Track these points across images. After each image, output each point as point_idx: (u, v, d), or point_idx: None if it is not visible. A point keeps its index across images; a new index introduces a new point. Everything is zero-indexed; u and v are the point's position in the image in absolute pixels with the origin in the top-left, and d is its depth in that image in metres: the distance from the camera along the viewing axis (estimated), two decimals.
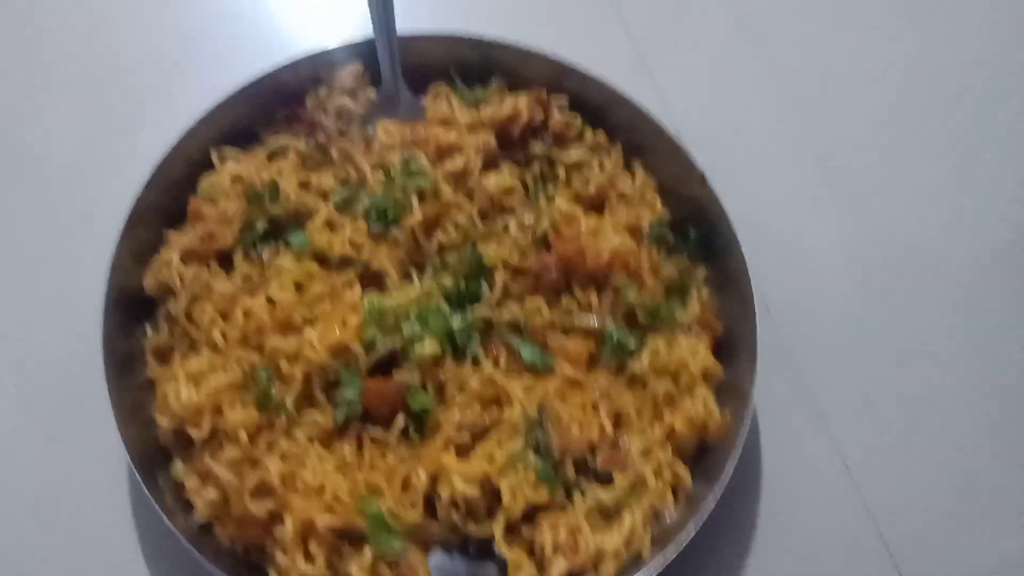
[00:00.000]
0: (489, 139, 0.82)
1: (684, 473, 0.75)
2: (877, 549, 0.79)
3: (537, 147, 0.85)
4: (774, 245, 0.88)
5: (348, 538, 0.70)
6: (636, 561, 0.71)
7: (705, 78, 0.98)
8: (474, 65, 0.87)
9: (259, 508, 0.68)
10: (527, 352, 0.76)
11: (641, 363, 0.77)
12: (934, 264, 0.91)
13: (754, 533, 0.79)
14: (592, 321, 0.78)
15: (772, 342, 0.83)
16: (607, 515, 0.73)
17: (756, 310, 0.76)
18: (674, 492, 0.75)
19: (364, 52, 0.84)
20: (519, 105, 0.83)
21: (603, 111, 0.86)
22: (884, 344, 0.87)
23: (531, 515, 0.71)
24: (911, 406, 0.84)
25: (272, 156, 0.83)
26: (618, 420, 0.76)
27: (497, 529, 0.70)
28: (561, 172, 0.85)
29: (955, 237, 0.92)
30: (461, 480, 0.69)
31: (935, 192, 0.94)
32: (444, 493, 0.70)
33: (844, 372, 0.85)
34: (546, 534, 0.70)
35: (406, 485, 0.70)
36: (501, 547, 0.70)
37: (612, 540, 0.71)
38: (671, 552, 0.69)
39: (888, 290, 0.89)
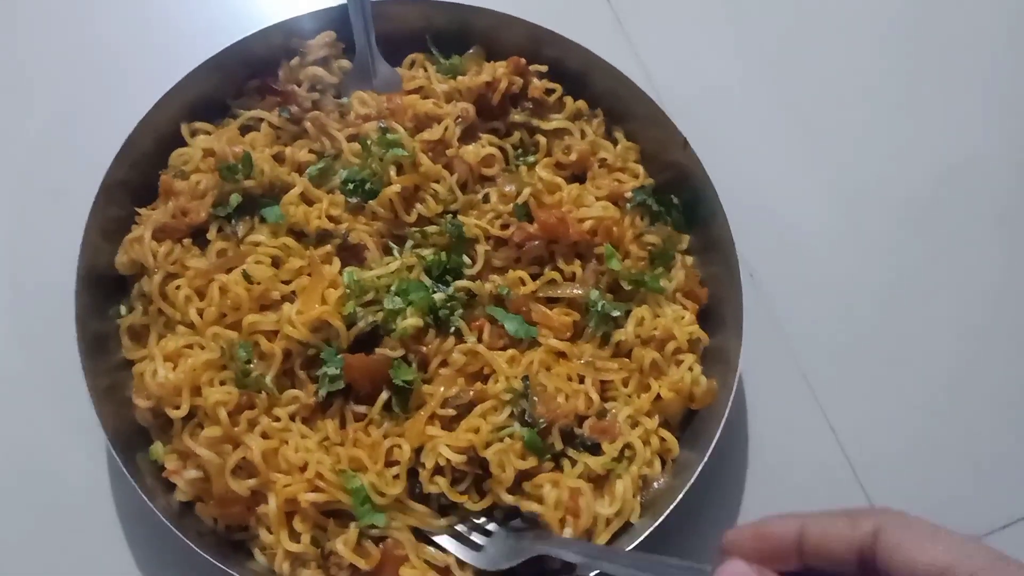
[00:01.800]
0: (467, 108, 0.80)
1: (671, 440, 0.75)
2: None
3: (517, 115, 0.83)
4: (758, 210, 0.87)
5: (333, 515, 0.70)
6: (626, 528, 0.71)
7: (687, 43, 0.97)
8: (451, 32, 0.85)
9: (241, 487, 0.68)
10: (511, 324, 0.75)
11: (626, 332, 0.76)
12: (918, 226, 0.90)
13: (742, 496, 0.79)
14: (576, 291, 0.77)
15: (757, 308, 0.83)
16: (597, 483, 0.72)
17: (741, 276, 0.76)
18: (662, 460, 0.75)
19: (337, 19, 0.82)
20: (497, 72, 0.81)
21: (584, 78, 0.84)
22: (868, 306, 0.87)
23: (521, 482, 0.70)
24: (895, 367, 0.85)
25: (244, 129, 0.81)
26: (604, 389, 0.76)
27: (501, 491, 0.69)
28: (542, 140, 0.83)
29: (939, 198, 0.91)
30: (447, 448, 0.68)
31: (920, 155, 0.93)
32: (428, 462, 0.69)
33: (829, 336, 0.85)
34: (550, 491, 0.69)
35: (389, 459, 0.70)
36: (518, 503, 0.69)
37: (605, 508, 0.70)
38: (660, 516, 0.69)
39: (872, 253, 0.89)
